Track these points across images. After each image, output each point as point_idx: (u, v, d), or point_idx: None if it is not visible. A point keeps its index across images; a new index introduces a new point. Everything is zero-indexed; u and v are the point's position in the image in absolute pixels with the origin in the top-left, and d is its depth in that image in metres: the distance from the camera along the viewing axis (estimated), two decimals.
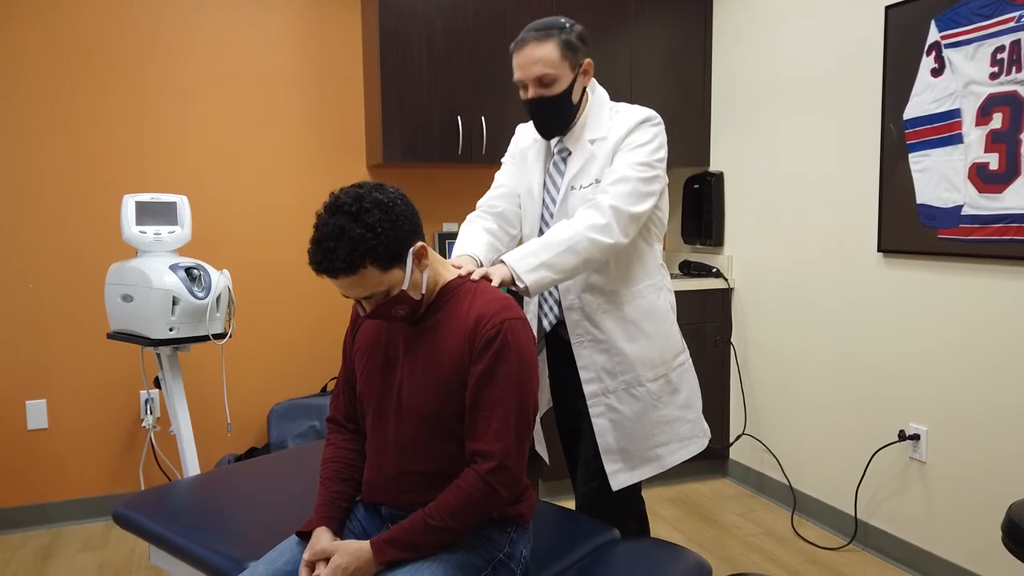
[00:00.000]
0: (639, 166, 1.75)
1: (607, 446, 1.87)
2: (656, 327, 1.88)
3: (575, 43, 1.76)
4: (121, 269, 2.45)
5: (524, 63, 1.76)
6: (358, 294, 1.36)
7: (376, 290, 1.35)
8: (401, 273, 1.37)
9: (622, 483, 1.88)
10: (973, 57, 2.30)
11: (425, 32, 3.11)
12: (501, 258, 1.67)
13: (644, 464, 1.89)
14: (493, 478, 1.37)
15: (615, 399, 1.86)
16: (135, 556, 2.79)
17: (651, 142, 1.78)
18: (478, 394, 1.40)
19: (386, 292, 1.37)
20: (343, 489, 1.53)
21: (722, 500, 3.29)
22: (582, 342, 1.87)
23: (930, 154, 2.45)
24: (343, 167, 3.42)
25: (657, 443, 1.89)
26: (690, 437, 1.94)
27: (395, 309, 1.41)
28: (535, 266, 1.65)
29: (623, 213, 1.71)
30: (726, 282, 3.42)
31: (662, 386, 1.89)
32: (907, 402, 2.60)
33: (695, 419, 1.96)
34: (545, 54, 1.73)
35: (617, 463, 1.87)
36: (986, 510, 2.35)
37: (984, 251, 2.29)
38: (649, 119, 1.80)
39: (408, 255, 1.37)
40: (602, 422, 1.87)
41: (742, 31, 3.34)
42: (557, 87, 1.75)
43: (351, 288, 1.35)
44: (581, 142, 1.84)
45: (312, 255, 1.32)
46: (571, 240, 1.67)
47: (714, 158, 3.55)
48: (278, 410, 3.21)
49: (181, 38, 3.15)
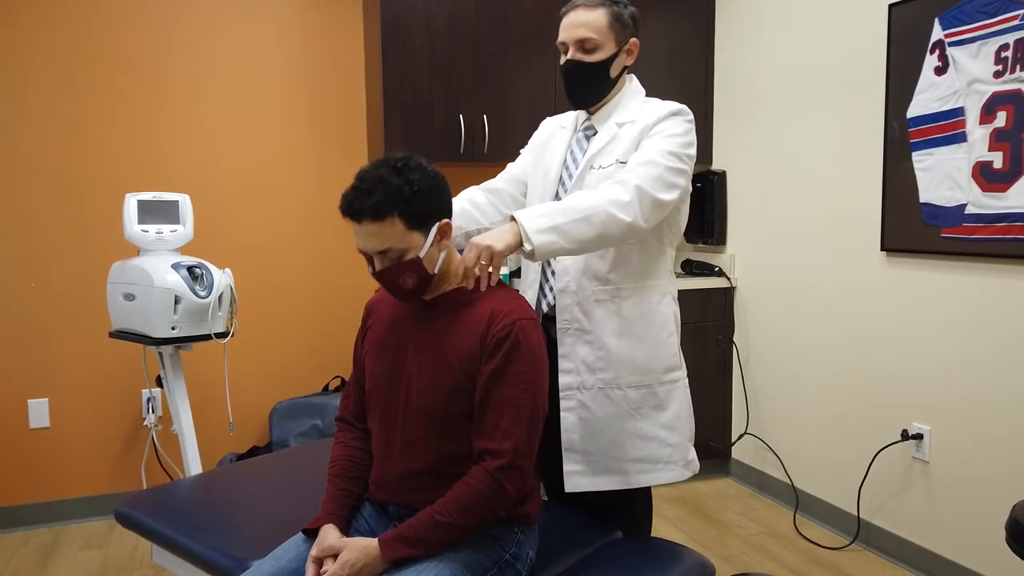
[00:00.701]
0: (669, 155, 1.66)
1: (570, 443, 1.75)
2: (650, 332, 1.77)
3: (626, 19, 1.73)
4: (123, 268, 2.45)
5: (569, 24, 1.73)
6: (375, 246, 1.37)
7: (394, 246, 1.36)
8: (422, 239, 1.39)
9: (577, 487, 1.76)
10: (977, 55, 2.29)
11: (427, 30, 3.10)
12: (512, 214, 1.55)
13: (606, 473, 1.76)
14: (502, 476, 1.37)
15: (588, 397, 1.75)
16: (137, 555, 2.79)
17: (683, 135, 1.71)
18: (488, 392, 1.40)
19: (402, 253, 1.37)
20: (351, 487, 1.53)
21: (724, 499, 3.29)
22: (568, 329, 1.75)
23: (933, 153, 2.44)
24: (344, 165, 3.41)
25: (626, 456, 1.75)
26: (667, 462, 1.78)
27: (404, 277, 1.40)
28: (547, 228, 1.51)
29: (647, 195, 1.60)
30: (728, 281, 3.42)
31: (644, 397, 1.76)
32: (910, 401, 2.59)
33: (677, 444, 1.79)
34: (592, 19, 1.70)
35: (577, 464, 1.75)
36: (989, 510, 2.34)
37: (987, 250, 2.29)
38: (682, 112, 1.74)
39: (434, 225, 1.40)
40: (570, 417, 1.75)
41: (745, 29, 3.33)
42: (598, 55, 1.72)
43: (371, 238, 1.36)
44: (608, 123, 1.79)
45: (345, 196, 1.36)
46: (590, 210, 1.55)
47: (716, 157, 3.55)
48: (280, 409, 3.21)
49: (183, 37, 3.14)
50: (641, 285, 1.78)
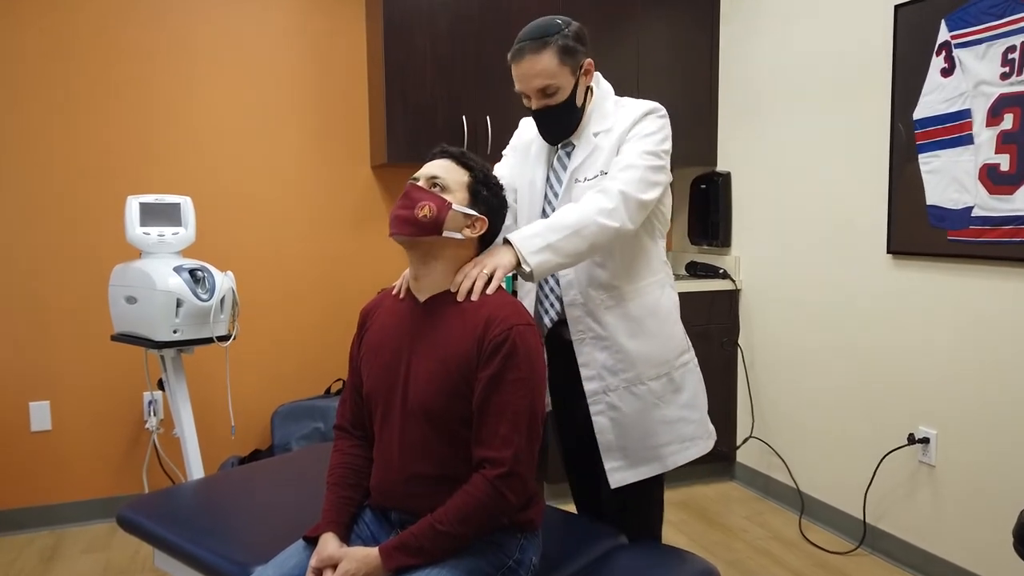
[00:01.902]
0: (646, 155, 1.73)
1: (607, 444, 1.84)
2: (659, 325, 1.85)
3: (572, 46, 1.72)
4: (125, 271, 2.44)
5: (523, 76, 1.73)
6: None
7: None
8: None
9: (621, 481, 1.84)
10: (984, 57, 2.27)
11: (430, 30, 3.09)
12: (506, 237, 1.61)
13: (644, 463, 1.84)
14: (502, 484, 1.35)
15: (615, 397, 1.83)
16: (139, 558, 2.78)
17: (657, 132, 1.76)
18: (486, 399, 1.38)
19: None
20: (351, 494, 1.52)
21: (728, 503, 3.27)
22: (583, 339, 1.83)
23: (940, 155, 2.43)
24: (346, 167, 3.40)
25: (659, 443, 1.85)
26: (693, 438, 1.89)
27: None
28: (541, 247, 1.59)
29: (631, 199, 1.67)
30: (733, 283, 3.40)
31: (664, 385, 1.85)
32: (917, 405, 2.57)
33: (699, 420, 1.92)
34: (544, 65, 1.70)
35: (617, 460, 1.84)
36: (997, 515, 2.32)
37: (995, 253, 2.27)
38: (655, 110, 1.79)
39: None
40: (602, 420, 1.83)
41: (749, 30, 3.32)
42: (560, 95, 1.73)
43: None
44: (585, 135, 1.82)
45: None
46: (578, 223, 1.62)
47: (721, 158, 3.53)
48: (282, 412, 3.20)
49: (184, 39, 3.14)
50: (642, 284, 1.85)
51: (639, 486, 1.85)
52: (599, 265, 1.80)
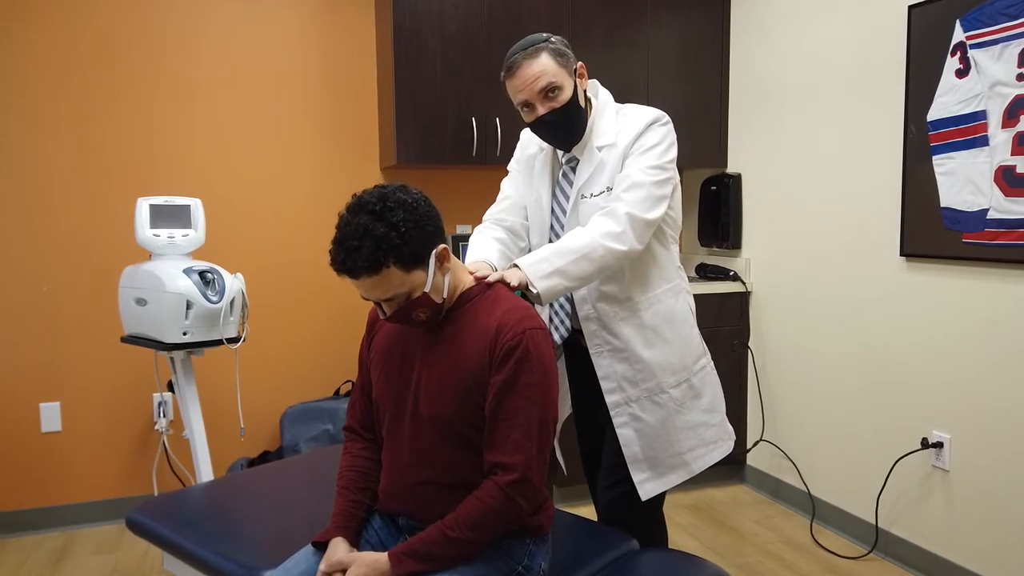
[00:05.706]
0: (651, 170, 1.73)
1: (633, 456, 1.84)
2: (675, 332, 1.85)
3: (563, 50, 1.74)
4: (135, 272, 2.44)
5: (525, 81, 1.71)
6: (379, 295, 1.34)
7: (398, 292, 1.34)
8: (423, 275, 1.35)
9: (651, 492, 1.85)
10: (999, 58, 2.25)
11: (439, 32, 3.08)
12: (515, 262, 1.65)
13: (671, 471, 1.86)
14: (514, 490, 1.34)
15: (638, 408, 1.84)
16: (148, 559, 2.78)
17: (660, 143, 1.76)
18: (498, 405, 1.37)
19: (408, 294, 1.35)
20: (360, 498, 1.51)
21: (739, 506, 3.25)
22: (601, 352, 1.84)
23: (954, 156, 2.40)
24: (356, 169, 3.40)
25: (683, 449, 1.86)
26: (715, 441, 1.92)
27: (416, 312, 1.39)
28: (548, 272, 1.62)
29: (638, 220, 1.69)
30: (744, 285, 3.38)
31: (685, 391, 1.86)
32: (930, 409, 2.55)
33: (719, 423, 1.94)
34: (543, 65, 1.70)
35: (644, 472, 1.84)
36: (1011, 520, 2.30)
37: (1010, 256, 2.24)
38: (657, 120, 1.78)
39: (431, 257, 1.36)
40: (627, 432, 1.84)
41: (760, 30, 3.30)
42: (564, 95, 1.73)
43: (372, 289, 1.33)
44: (588, 149, 1.82)
45: (334, 255, 1.30)
46: (586, 248, 1.65)
47: (731, 159, 3.51)
48: (291, 414, 3.19)
49: (194, 40, 3.14)
50: (655, 292, 1.85)
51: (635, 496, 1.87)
52: (611, 279, 1.81)
